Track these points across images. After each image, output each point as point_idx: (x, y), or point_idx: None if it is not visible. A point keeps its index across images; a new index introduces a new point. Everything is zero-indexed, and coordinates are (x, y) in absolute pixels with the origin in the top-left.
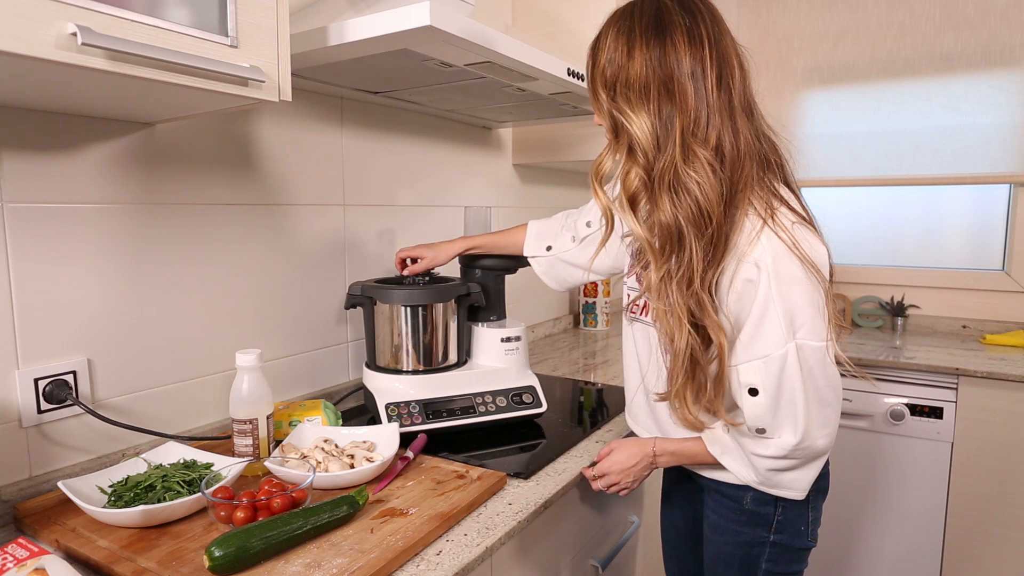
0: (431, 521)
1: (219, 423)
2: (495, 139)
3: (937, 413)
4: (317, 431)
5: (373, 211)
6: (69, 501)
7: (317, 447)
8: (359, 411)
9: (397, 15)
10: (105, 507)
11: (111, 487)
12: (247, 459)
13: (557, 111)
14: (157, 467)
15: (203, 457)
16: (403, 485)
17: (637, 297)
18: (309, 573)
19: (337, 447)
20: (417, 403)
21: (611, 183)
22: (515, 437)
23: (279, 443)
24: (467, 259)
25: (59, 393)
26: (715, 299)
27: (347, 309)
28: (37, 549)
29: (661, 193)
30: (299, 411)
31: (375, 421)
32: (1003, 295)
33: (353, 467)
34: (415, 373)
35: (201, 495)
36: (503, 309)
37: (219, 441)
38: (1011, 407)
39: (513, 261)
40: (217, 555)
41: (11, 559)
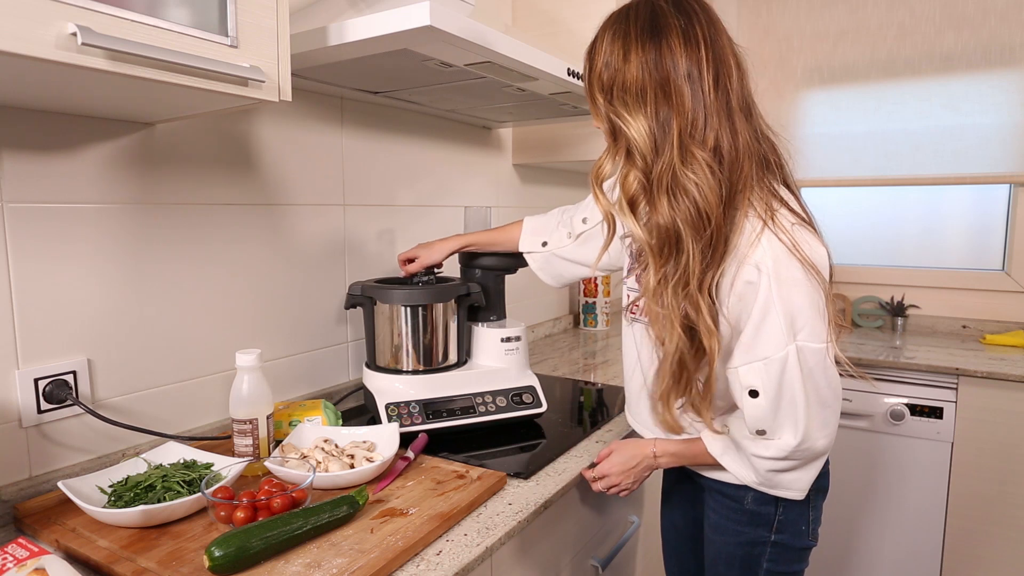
0: (431, 521)
1: (219, 423)
2: (495, 139)
3: (937, 413)
4: (317, 431)
5: (373, 211)
6: (69, 501)
7: (317, 447)
8: (359, 411)
9: (397, 15)
10: (105, 507)
11: (111, 487)
12: (247, 459)
13: (557, 111)
14: (157, 467)
15: (203, 457)
16: (403, 485)
17: (637, 298)
18: (309, 573)
19: (337, 447)
20: (417, 403)
21: (611, 183)
22: (515, 437)
23: (279, 443)
24: (467, 259)
25: (59, 393)
26: (715, 302)
27: (347, 309)
28: (37, 549)
29: (659, 195)
30: (299, 411)
31: (375, 421)
32: (1003, 295)
33: (353, 467)
34: (415, 373)
35: (201, 495)
36: (503, 309)
37: (219, 441)
38: (1011, 407)
39: (513, 260)
40: (217, 555)
41: (11, 559)
